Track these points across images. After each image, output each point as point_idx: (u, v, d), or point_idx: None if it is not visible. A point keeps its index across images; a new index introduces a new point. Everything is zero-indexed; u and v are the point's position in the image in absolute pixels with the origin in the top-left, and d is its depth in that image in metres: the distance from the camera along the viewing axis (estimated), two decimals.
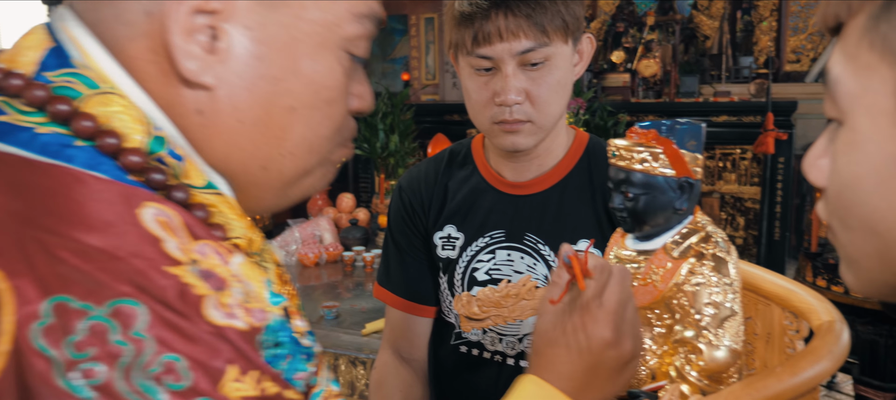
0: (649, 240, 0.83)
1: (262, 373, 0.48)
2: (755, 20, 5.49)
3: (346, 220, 3.29)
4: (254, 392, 0.47)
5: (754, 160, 5.08)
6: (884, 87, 0.41)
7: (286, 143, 0.60)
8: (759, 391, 0.67)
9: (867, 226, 0.44)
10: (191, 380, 0.44)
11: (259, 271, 0.53)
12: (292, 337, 0.52)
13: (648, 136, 0.80)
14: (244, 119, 0.57)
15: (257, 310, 0.50)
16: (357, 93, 0.66)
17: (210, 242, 0.51)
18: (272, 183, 0.62)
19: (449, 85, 6.72)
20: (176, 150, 0.56)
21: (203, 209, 0.55)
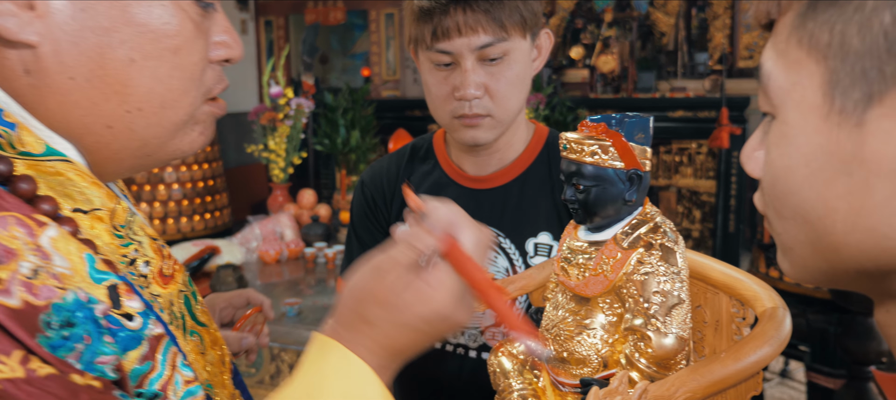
0: (600, 231, 0.85)
1: (30, 352, 0.44)
2: (709, 17, 5.59)
3: (308, 216, 3.28)
4: (17, 373, 0.43)
5: (709, 154, 5.19)
6: (811, 81, 0.43)
7: (131, 98, 0.57)
8: (705, 376, 0.70)
9: (799, 215, 0.46)
10: None
11: (80, 246, 0.50)
12: (93, 317, 0.49)
13: (598, 129, 0.82)
14: (76, 75, 0.54)
15: (45, 287, 0.46)
16: (220, 41, 0.62)
17: (15, 213, 0.48)
18: (125, 143, 0.59)
19: (410, 80, 6.72)
20: (6, 117, 0.53)
21: (28, 181, 0.52)
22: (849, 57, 0.41)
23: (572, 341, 0.82)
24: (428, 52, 1.13)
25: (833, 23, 0.41)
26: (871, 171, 0.41)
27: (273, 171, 3.49)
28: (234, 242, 3.02)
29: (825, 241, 0.45)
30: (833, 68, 0.42)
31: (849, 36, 0.40)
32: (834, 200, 0.43)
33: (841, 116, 0.41)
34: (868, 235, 0.42)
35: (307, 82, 4.97)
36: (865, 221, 0.42)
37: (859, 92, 0.40)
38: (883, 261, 0.43)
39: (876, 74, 0.39)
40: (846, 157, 0.42)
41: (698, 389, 0.69)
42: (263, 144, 3.45)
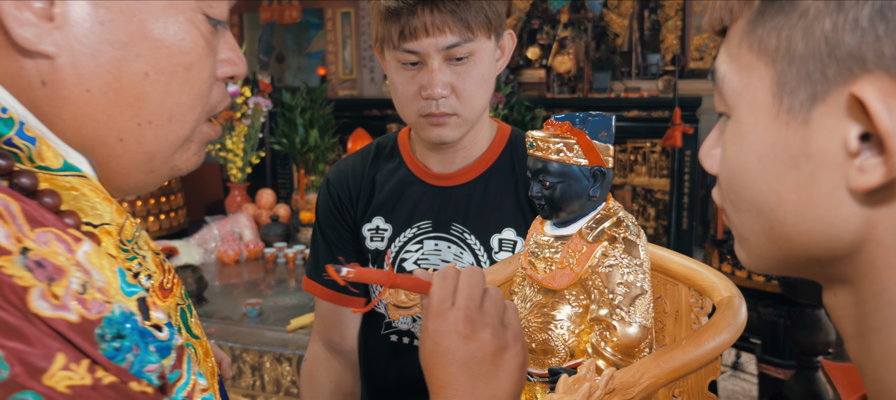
0: (566, 226, 0.88)
1: (95, 362, 0.46)
2: (662, 19, 5.72)
3: (267, 216, 3.26)
4: (86, 381, 0.45)
5: (663, 153, 5.31)
6: (762, 83, 0.46)
7: (142, 111, 0.58)
8: (667, 362, 0.73)
9: (753, 207, 0.49)
10: (9, 372, 0.42)
11: (111, 260, 0.51)
12: (139, 328, 0.50)
13: (563, 127, 0.85)
14: (92, 87, 0.55)
15: (95, 301, 0.48)
16: (226, 58, 0.63)
17: (54, 229, 0.48)
18: (133, 157, 0.60)
19: (367, 80, 6.70)
20: (27, 131, 0.53)
21: (52, 195, 0.53)
22: (794, 60, 0.44)
23: (540, 332, 0.85)
24: (395, 51, 1.14)
25: (780, 28, 0.45)
26: (817, 165, 0.44)
27: (230, 171, 3.46)
28: (191, 242, 2.98)
29: (778, 230, 0.48)
30: (781, 71, 0.45)
31: (794, 41, 0.44)
32: (785, 193, 0.46)
33: (789, 115, 0.45)
34: (816, 223, 0.46)
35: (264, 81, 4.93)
36: (813, 210, 0.45)
37: (805, 92, 0.44)
38: (830, 247, 0.46)
39: (819, 76, 0.43)
40: (794, 153, 0.45)
41: (661, 375, 0.72)
42: (220, 144, 3.41)
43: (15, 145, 0.52)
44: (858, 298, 0.48)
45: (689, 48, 5.65)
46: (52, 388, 0.43)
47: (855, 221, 0.44)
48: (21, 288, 0.45)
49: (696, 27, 5.63)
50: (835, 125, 0.43)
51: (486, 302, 0.73)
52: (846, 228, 0.45)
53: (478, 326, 0.71)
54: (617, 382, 0.70)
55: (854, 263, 0.46)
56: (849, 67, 0.41)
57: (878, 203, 0.43)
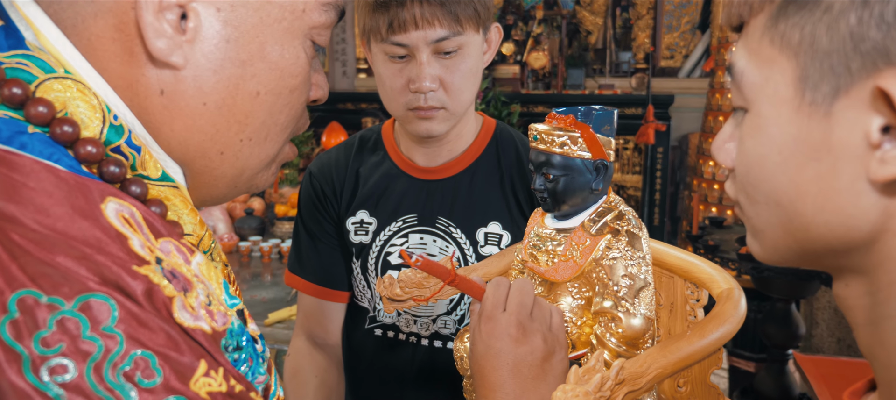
0: (567, 218, 0.88)
1: (227, 372, 0.47)
2: (633, 17, 5.78)
3: (241, 209, 3.22)
4: (223, 388, 0.46)
5: (636, 150, 5.36)
6: (783, 77, 0.47)
7: (247, 128, 0.59)
8: (673, 353, 0.74)
9: (771, 199, 0.50)
10: (162, 377, 0.43)
11: (216, 272, 0.52)
12: (250, 339, 0.52)
13: (567, 121, 0.85)
14: (209, 101, 0.56)
15: (219, 313, 0.49)
16: (315, 81, 0.66)
17: (172, 239, 0.50)
18: (227, 170, 0.61)
19: (339, 74, 6.65)
20: (134, 139, 0.54)
21: (159, 205, 0.54)
22: (818, 54, 0.45)
23: None
24: (382, 43, 1.13)
25: (803, 24, 0.46)
26: (838, 157, 0.45)
27: None
28: None
29: (796, 222, 0.49)
30: (803, 65, 0.46)
31: (818, 35, 0.45)
32: (804, 185, 0.47)
33: (811, 108, 0.46)
34: (835, 215, 0.47)
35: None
36: (833, 202, 0.46)
37: (827, 86, 0.45)
38: (847, 238, 0.47)
39: (842, 70, 0.44)
40: (816, 145, 0.46)
41: (668, 366, 0.73)
42: None
43: (122, 153, 0.53)
44: (872, 287, 0.49)
45: (660, 46, 5.72)
46: (197, 393, 0.44)
47: (874, 211, 0.45)
48: (167, 298, 0.46)
49: (666, 26, 5.70)
50: (857, 118, 0.44)
51: (535, 309, 0.79)
52: (865, 219, 0.46)
53: (529, 331, 0.76)
54: (626, 373, 0.71)
55: (870, 253, 0.47)
56: (873, 61, 0.42)
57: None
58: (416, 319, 1.28)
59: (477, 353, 0.76)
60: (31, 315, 0.41)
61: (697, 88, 5.40)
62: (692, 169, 5.21)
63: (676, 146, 5.59)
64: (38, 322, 0.41)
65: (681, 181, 5.60)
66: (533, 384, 0.74)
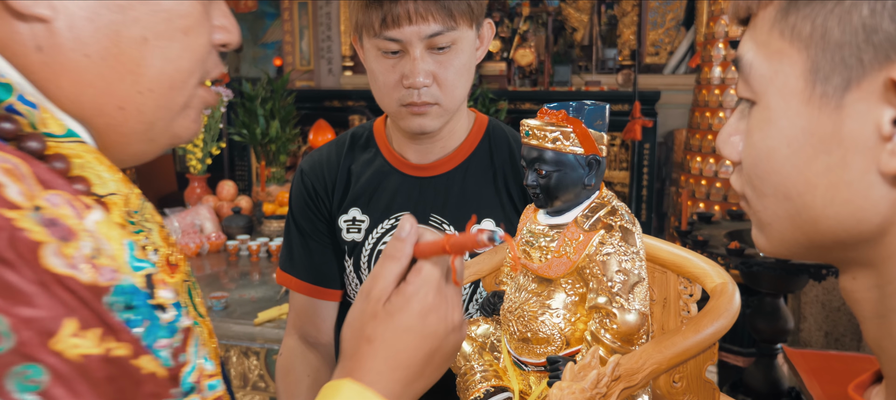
0: (560, 214, 0.87)
1: (108, 331, 0.45)
2: (618, 14, 5.79)
3: (228, 208, 3.19)
4: (96, 350, 0.43)
5: (623, 146, 5.38)
6: (793, 69, 0.47)
7: (142, 78, 0.56)
8: (669, 349, 0.73)
9: (780, 192, 0.50)
10: (12, 341, 0.40)
11: (120, 232, 0.50)
12: (148, 304, 0.49)
13: (559, 116, 0.84)
14: (90, 53, 0.53)
15: (106, 268, 0.47)
16: (220, 25, 0.62)
17: (65, 193, 0.47)
18: (134, 126, 0.58)
19: (325, 71, 6.63)
20: (27, 96, 0.52)
21: (62, 160, 0.51)
22: (829, 46, 0.45)
23: (535, 321, 0.85)
24: (375, 39, 1.12)
25: (814, 16, 0.45)
26: (849, 150, 0.45)
27: (190, 162, 3.38)
28: None
29: (805, 215, 0.49)
30: (814, 57, 0.46)
31: (829, 27, 0.44)
32: (814, 177, 0.47)
33: (821, 100, 0.46)
34: (844, 207, 0.47)
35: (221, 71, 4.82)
36: (842, 194, 0.46)
37: (839, 78, 0.44)
38: (856, 231, 0.47)
39: (854, 62, 0.44)
40: (826, 138, 0.46)
41: (664, 361, 0.73)
42: None
43: (17, 111, 0.51)
44: (881, 280, 0.48)
45: (645, 43, 5.74)
46: (60, 353, 0.41)
47: (884, 204, 0.45)
48: (34, 242, 0.43)
49: (651, 23, 5.72)
50: (868, 110, 0.44)
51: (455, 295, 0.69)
52: (875, 211, 0.46)
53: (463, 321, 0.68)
54: (622, 369, 0.70)
55: (879, 245, 0.47)
56: (886, 53, 0.42)
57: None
58: None
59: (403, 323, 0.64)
60: None
61: (683, 85, 5.42)
62: (678, 165, 5.23)
63: (663, 142, 5.61)
64: None
65: (667, 177, 5.62)
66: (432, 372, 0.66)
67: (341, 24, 6.48)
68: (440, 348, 0.66)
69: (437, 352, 0.65)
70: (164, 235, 0.59)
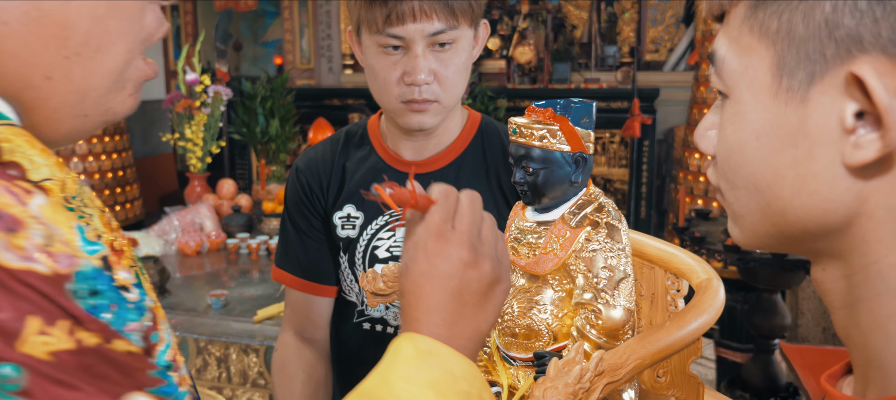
0: (548, 211, 0.88)
1: (76, 322, 0.42)
2: (618, 12, 5.79)
3: (228, 206, 3.21)
4: (67, 345, 0.40)
5: (622, 143, 5.38)
6: (762, 64, 0.48)
7: (68, 42, 0.51)
8: (653, 344, 0.74)
9: (750, 184, 0.51)
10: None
11: (68, 215, 0.46)
12: (113, 286, 0.46)
13: (546, 114, 0.86)
14: (8, 19, 0.49)
15: (63, 254, 0.43)
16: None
17: (1, 180, 0.43)
18: (64, 97, 0.53)
19: (325, 70, 6.64)
20: None
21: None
22: (795, 42, 0.46)
23: (524, 317, 0.86)
24: (377, 35, 1.13)
25: (781, 11, 0.47)
26: (814, 142, 0.46)
27: (190, 161, 3.39)
28: (151, 234, 2.92)
29: (774, 206, 0.50)
30: (781, 52, 0.47)
31: (795, 23, 0.46)
32: (782, 169, 0.48)
33: (788, 94, 0.47)
34: (811, 198, 0.48)
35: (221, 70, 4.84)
36: (809, 185, 0.47)
37: (804, 72, 0.46)
38: (824, 222, 0.48)
39: (818, 56, 0.45)
40: (792, 130, 0.47)
41: (647, 356, 0.74)
42: (180, 133, 3.35)
43: None
44: (848, 270, 0.50)
45: (645, 40, 5.74)
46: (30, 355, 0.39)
47: (848, 195, 0.46)
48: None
49: (651, 20, 5.72)
50: (832, 103, 0.45)
51: (484, 229, 0.70)
52: (840, 202, 0.47)
53: (480, 254, 0.67)
54: (605, 365, 0.71)
55: (846, 236, 0.48)
56: (847, 48, 0.43)
57: (870, 178, 0.45)
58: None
59: (417, 271, 0.67)
60: None
61: (682, 82, 5.42)
62: (678, 162, 5.24)
63: (662, 139, 5.61)
64: None
65: (667, 174, 5.62)
66: (472, 311, 0.66)
67: (341, 23, 6.49)
68: (463, 286, 0.66)
69: (464, 289, 0.66)
70: (105, 220, 0.55)
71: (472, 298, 0.67)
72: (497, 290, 0.68)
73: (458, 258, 0.66)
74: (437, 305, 0.66)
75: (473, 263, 0.66)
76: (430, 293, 0.66)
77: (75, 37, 0.51)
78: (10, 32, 0.49)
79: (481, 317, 0.67)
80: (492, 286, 0.68)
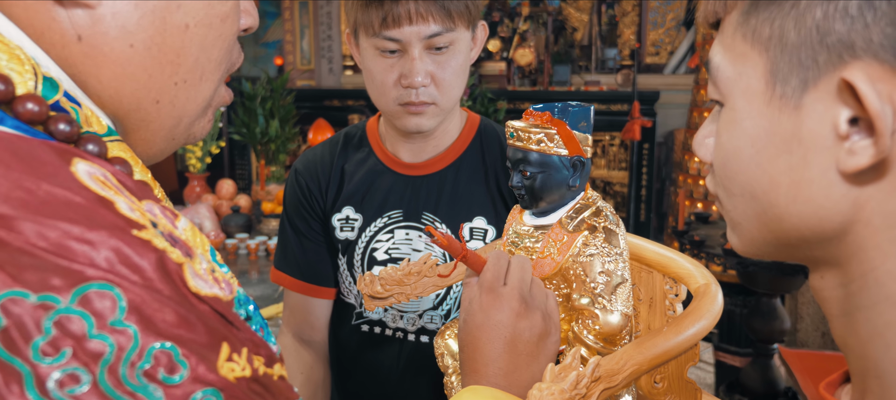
0: (545, 215, 0.88)
1: (251, 347, 0.42)
2: (619, 14, 5.79)
3: (228, 207, 3.21)
4: (247, 372, 0.40)
5: (622, 146, 5.38)
6: (755, 71, 0.48)
7: (180, 68, 0.52)
8: (650, 350, 0.74)
9: (747, 191, 0.51)
10: (188, 368, 0.37)
11: (202, 237, 0.46)
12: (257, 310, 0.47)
13: (543, 117, 0.85)
14: (136, 42, 0.49)
15: (224, 281, 0.43)
16: (244, 8, 0.59)
17: (154, 201, 0.43)
18: (165, 121, 0.54)
19: (325, 70, 6.64)
20: (72, 93, 0.47)
21: (124, 164, 0.47)
22: (787, 48, 0.46)
23: None
24: (374, 38, 1.13)
25: (773, 18, 0.46)
26: (809, 149, 0.46)
27: (190, 161, 3.39)
28: None
29: (770, 213, 0.50)
30: (773, 59, 0.47)
31: (787, 30, 0.46)
32: (777, 176, 0.48)
33: (781, 101, 0.47)
34: (807, 205, 0.48)
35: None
36: (804, 193, 0.47)
37: (796, 79, 0.46)
38: (820, 229, 0.48)
39: (810, 63, 0.45)
40: (787, 137, 0.47)
41: (644, 362, 0.73)
42: None
43: (63, 109, 0.45)
44: (845, 278, 0.49)
45: (646, 43, 5.74)
46: (224, 377, 0.38)
47: (844, 202, 0.46)
48: (177, 265, 0.39)
49: (652, 22, 5.72)
50: (825, 110, 0.45)
51: (534, 286, 0.77)
52: (836, 210, 0.46)
53: (530, 306, 0.74)
54: (602, 370, 0.71)
55: (843, 244, 0.48)
56: (839, 54, 0.43)
57: (866, 184, 0.45)
58: (403, 315, 1.29)
59: (474, 323, 0.74)
60: (21, 321, 0.34)
61: (683, 85, 5.42)
62: (678, 165, 5.24)
63: (662, 142, 5.61)
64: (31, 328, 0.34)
65: (667, 177, 5.62)
66: (526, 361, 0.72)
67: (342, 24, 6.49)
68: (516, 336, 0.72)
69: (517, 339, 0.72)
70: None
71: (525, 347, 0.73)
72: (548, 341, 0.75)
73: (509, 309, 0.73)
74: (493, 356, 0.72)
75: (524, 314, 0.73)
76: (486, 343, 0.72)
77: (186, 64, 0.52)
78: (134, 55, 0.49)
79: (536, 367, 0.73)
80: (543, 338, 0.74)
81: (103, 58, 0.48)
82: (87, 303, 0.35)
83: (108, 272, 0.36)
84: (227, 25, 0.55)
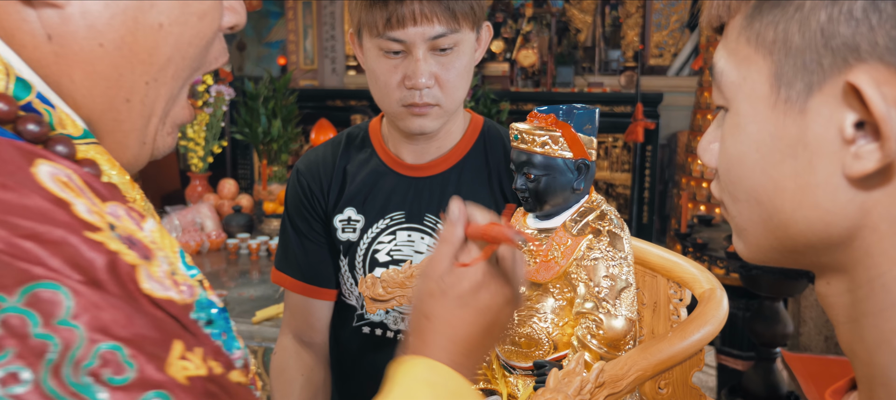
0: (549, 218, 0.87)
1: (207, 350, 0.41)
2: (622, 16, 5.78)
3: (229, 206, 3.20)
4: (201, 371, 0.40)
5: (625, 148, 5.37)
6: (759, 75, 0.48)
7: (152, 67, 0.51)
8: (654, 355, 0.73)
9: (752, 197, 0.50)
10: (135, 370, 0.37)
11: (171, 239, 0.46)
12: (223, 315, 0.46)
13: (548, 120, 0.85)
14: (105, 41, 0.48)
15: (184, 284, 0.43)
16: (228, 5, 0.57)
17: (119, 203, 0.43)
18: (135, 121, 0.53)
19: (328, 70, 6.63)
20: (46, 96, 0.47)
21: (92, 165, 0.47)
22: (791, 52, 0.45)
23: (524, 325, 0.85)
24: (378, 39, 1.12)
25: (777, 22, 0.46)
26: (814, 153, 0.45)
27: (191, 161, 3.38)
28: None
29: (776, 219, 0.49)
30: (778, 62, 0.46)
31: (791, 33, 0.45)
32: (782, 181, 0.47)
33: (786, 105, 0.46)
34: (813, 211, 0.47)
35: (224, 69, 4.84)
36: (810, 198, 0.46)
37: (801, 82, 0.45)
38: (826, 235, 0.47)
39: (815, 66, 0.44)
40: (792, 142, 0.46)
41: (649, 368, 0.73)
42: (181, 132, 3.34)
43: (35, 110, 0.45)
44: (852, 284, 0.49)
45: (649, 45, 5.73)
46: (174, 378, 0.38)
47: (850, 207, 0.45)
48: (130, 266, 0.39)
49: (655, 24, 5.71)
50: (831, 114, 0.44)
51: None
52: (842, 215, 0.46)
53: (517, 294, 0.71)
54: (606, 376, 0.70)
55: (849, 250, 0.47)
56: (844, 57, 0.42)
57: (872, 189, 0.44)
58: (404, 317, 1.28)
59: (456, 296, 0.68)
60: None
61: (686, 87, 5.41)
62: (681, 167, 5.22)
63: (665, 144, 5.60)
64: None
65: (670, 179, 5.61)
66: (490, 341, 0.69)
67: (345, 24, 6.49)
68: (495, 321, 0.69)
69: (494, 324, 0.69)
70: None
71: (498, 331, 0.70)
72: None
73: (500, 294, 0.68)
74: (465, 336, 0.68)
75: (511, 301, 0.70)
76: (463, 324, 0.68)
77: (158, 63, 0.52)
78: (104, 54, 0.49)
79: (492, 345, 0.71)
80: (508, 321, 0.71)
81: (73, 57, 0.48)
82: (34, 302, 0.35)
83: (57, 272, 0.36)
84: (206, 23, 0.54)
